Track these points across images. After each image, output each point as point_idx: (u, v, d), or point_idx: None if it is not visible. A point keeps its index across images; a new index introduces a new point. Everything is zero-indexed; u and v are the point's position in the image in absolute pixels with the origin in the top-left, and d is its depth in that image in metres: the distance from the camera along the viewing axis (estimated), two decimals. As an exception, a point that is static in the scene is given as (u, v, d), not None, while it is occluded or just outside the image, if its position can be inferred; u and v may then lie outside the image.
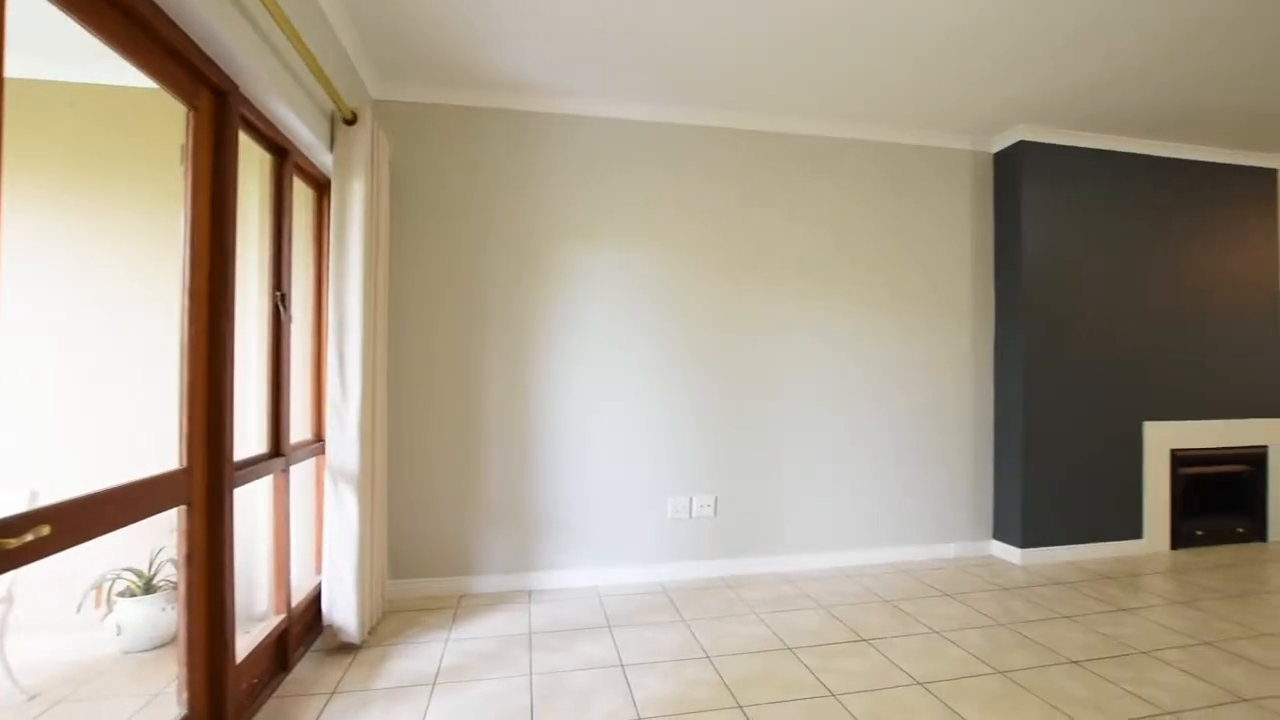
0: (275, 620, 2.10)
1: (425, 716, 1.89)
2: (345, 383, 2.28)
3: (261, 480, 2.05)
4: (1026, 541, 3.36)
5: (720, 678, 2.13)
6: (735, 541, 3.21)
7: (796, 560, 3.27)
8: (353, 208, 2.28)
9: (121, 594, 2.20)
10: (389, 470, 2.83)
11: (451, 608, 2.74)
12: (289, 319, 2.19)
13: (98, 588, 2.17)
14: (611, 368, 3.07)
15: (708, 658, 2.27)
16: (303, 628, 2.30)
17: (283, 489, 2.18)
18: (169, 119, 1.65)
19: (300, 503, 2.46)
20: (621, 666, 2.21)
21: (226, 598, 1.68)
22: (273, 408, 2.13)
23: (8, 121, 1.02)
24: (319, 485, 2.55)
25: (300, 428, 2.47)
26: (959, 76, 2.80)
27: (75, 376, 2.25)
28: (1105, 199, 3.53)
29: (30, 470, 2.11)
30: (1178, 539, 3.62)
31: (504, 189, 2.99)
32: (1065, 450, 3.43)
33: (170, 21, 1.41)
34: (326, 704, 1.96)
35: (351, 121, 2.30)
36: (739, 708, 1.94)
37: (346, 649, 2.33)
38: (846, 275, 3.37)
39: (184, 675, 1.58)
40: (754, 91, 2.97)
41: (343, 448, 2.28)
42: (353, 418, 2.28)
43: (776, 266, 3.28)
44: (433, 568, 2.89)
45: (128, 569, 2.23)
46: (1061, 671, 2.17)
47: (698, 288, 3.18)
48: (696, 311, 3.17)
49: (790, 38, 2.49)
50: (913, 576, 3.16)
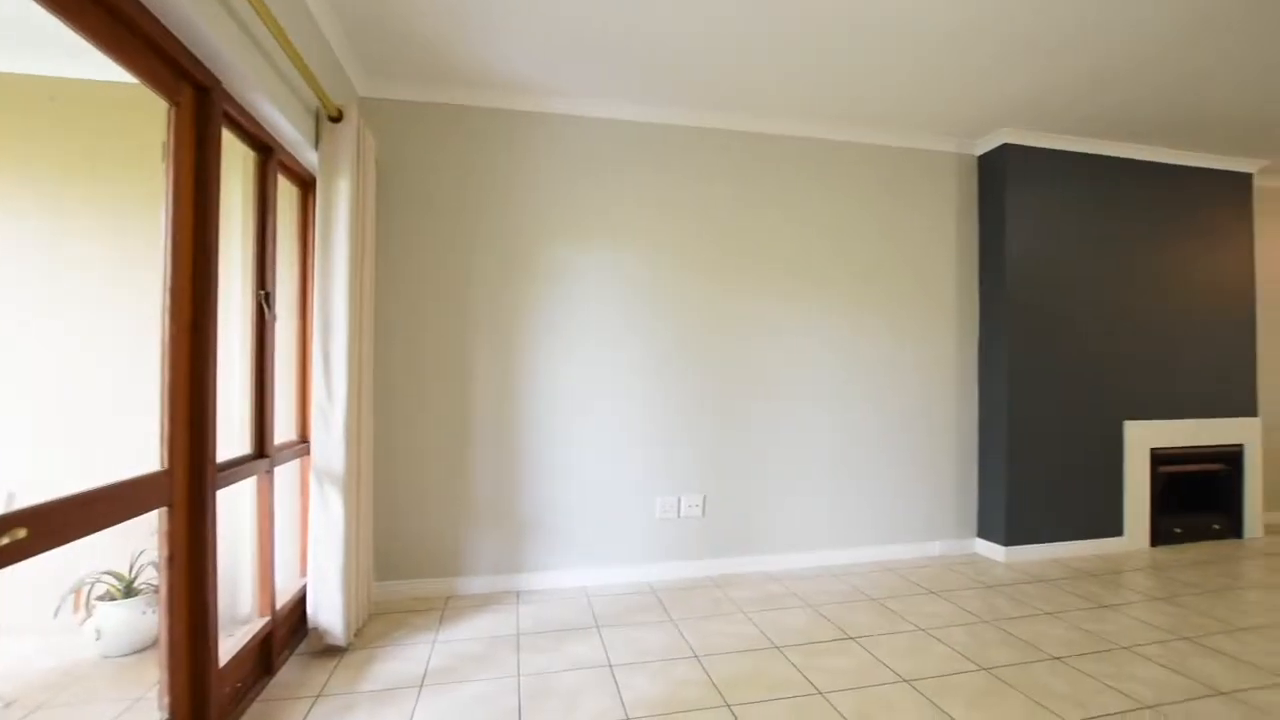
0: (259, 623, 2.08)
1: (412, 719, 1.88)
2: (330, 383, 2.25)
3: (245, 481, 2.02)
4: (1010, 539, 3.40)
5: (708, 677, 2.13)
6: (723, 541, 3.22)
7: (784, 559, 3.29)
8: (338, 206, 2.26)
9: (101, 598, 2.17)
10: (375, 471, 2.81)
11: (439, 609, 2.72)
12: (273, 318, 2.16)
13: (76, 591, 2.14)
14: (601, 368, 3.07)
15: (696, 657, 2.28)
16: (287, 630, 2.28)
17: (267, 490, 2.15)
18: (150, 115, 1.62)
19: (285, 504, 2.44)
20: (610, 667, 2.21)
21: (209, 600, 1.66)
22: (256, 408, 2.11)
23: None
24: (304, 486, 2.53)
25: (285, 428, 2.44)
26: (945, 80, 2.83)
27: (52, 376, 2.21)
28: (1086, 201, 3.59)
29: (6, 472, 2.07)
30: (1157, 536, 3.68)
31: (493, 188, 2.98)
32: (1048, 450, 3.48)
33: (151, 16, 1.39)
34: (311, 707, 1.94)
35: (337, 119, 2.27)
36: (727, 707, 1.95)
37: (332, 651, 2.30)
38: (835, 276, 3.39)
39: (165, 679, 1.56)
40: (747, 93, 2.98)
41: (328, 448, 2.26)
42: (338, 418, 2.25)
43: (765, 267, 3.29)
44: (420, 569, 2.87)
45: (107, 572, 2.19)
46: (1044, 667, 2.20)
47: (687, 288, 3.18)
48: (686, 312, 3.18)
49: (786, 39, 2.50)
50: (899, 575, 3.19)
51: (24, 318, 2.18)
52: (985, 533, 3.53)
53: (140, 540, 2.17)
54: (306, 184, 2.54)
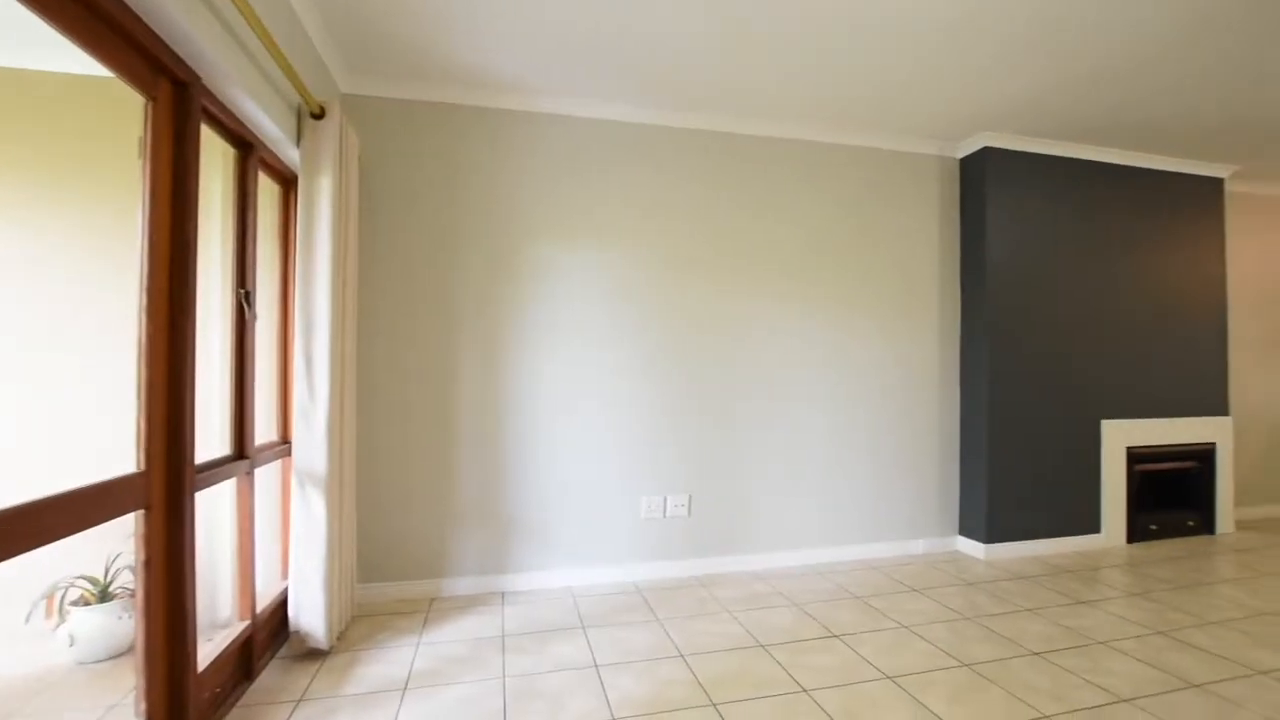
0: (239, 627, 2.05)
1: (395, 722, 1.86)
2: (313, 383, 2.23)
3: (225, 483, 1.99)
4: (991, 537, 3.45)
5: (694, 676, 2.14)
6: (709, 540, 3.23)
7: (769, 558, 3.31)
8: (320, 204, 2.23)
9: (75, 603, 2.12)
10: (358, 472, 2.78)
11: (423, 611, 2.70)
12: (253, 317, 2.13)
13: (49, 597, 2.09)
14: (586, 368, 3.06)
15: (681, 657, 2.28)
16: (268, 634, 2.25)
17: (247, 492, 2.12)
18: (126, 109, 1.59)
19: (266, 506, 2.40)
20: (595, 667, 2.20)
21: (187, 604, 1.63)
22: (236, 408, 2.08)
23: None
24: (285, 488, 2.49)
25: (266, 429, 2.41)
26: (928, 85, 2.86)
27: (21, 376, 2.15)
28: (1064, 204, 3.65)
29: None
30: (1133, 533, 3.76)
31: (478, 187, 2.96)
32: (1028, 449, 3.54)
33: (127, 9, 1.36)
34: (293, 712, 1.91)
35: (319, 116, 2.25)
36: (712, 706, 1.95)
37: (314, 655, 2.28)
38: (820, 277, 3.42)
39: (142, 685, 1.53)
40: (736, 95, 3.00)
41: (310, 449, 2.23)
42: (320, 418, 2.23)
43: (751, 267, 3.31)
44: (404, 571, 2.85)
45: (82, 576, 2.14)
46: (1024, 663, 2.24)
47: (673, 288, 3.19)
48: (672, 312, 3.18)
49: (775, 42, 2.52)
50: (882, 573, 3.22)
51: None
52: (967, 531, 3.58)
53: (116, 543, 2.13)
54: (288, 181, 2.51)
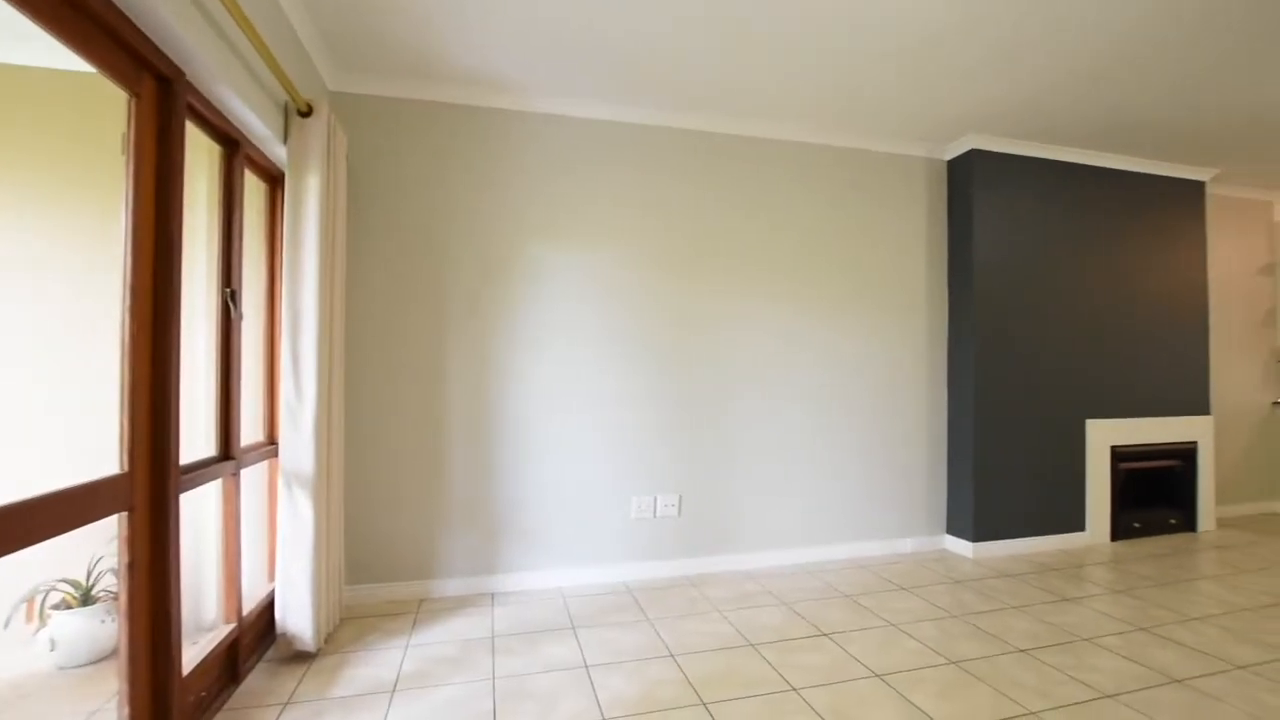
0: (225, 629, 2.03)
1: (384, 724, 1.85)
2: (300, 383, 2.21)
3: (210, 484, 1.97)
4: (978, 536, 3.48)
5: (684, 676, 2.14)
6: (699, 540, 3.23)
7: (759, 558, 3.32)
8: (307, 202, 2.21)
9: (56, 606, 2.08)
10: (346, 473, 2.76)
11: (412, 612, 2.68)
12: (239, 317, 2.11)
13: (29, 600, 2.05)
14: (576, 367, 3.06)
15: (672, 656, 2.29)
16: (255, 637, 2.22)
17: (233, 493, 2.10)
18: (109, 105, 1.57)
19: (252, 507, 2.38)
20: (586, 667, 2.20)
21: (172, 607, 1.61)
22: (222, 409, 2.05)
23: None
24: (272, 489, 2.47)
25: (252, 430, 2.38)
26: (917, 87, 2.89)
27: (1, 377, 2.11)
28: (1050, 206, 3.69)
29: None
30: (1117, 531, 3.81)
31: (468, 186, 2.95)
32: (1014, 448, 3.57)
33: (109, 3, 1.34)
34: (280, 715, 1.89)
35: (306, 113, 2.23)
36: (702, 705, 1.96)
37: (301, 658, 2.25)
38: (811, 277, 3.43)
39: (125, 690, 1.51)
40: (727, 96, 3.01)
41: (297, 450, 2.21)
42: (308, 419, 2.21)
43: (742, 268, 3.32)
44: (393, 572, 2.83)
45: (63, 580, 2.11)
46: (1010, 660, 2.26)
47: (664, 288, 3.19)
48: (662, 311, 3.18)
49: (770, 46, 2.54)
50: (871, 571, 3.24)
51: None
52: (954, 529, 3.61)
53: (99, 546, 2.10)
54: (275, 179, 2.49)
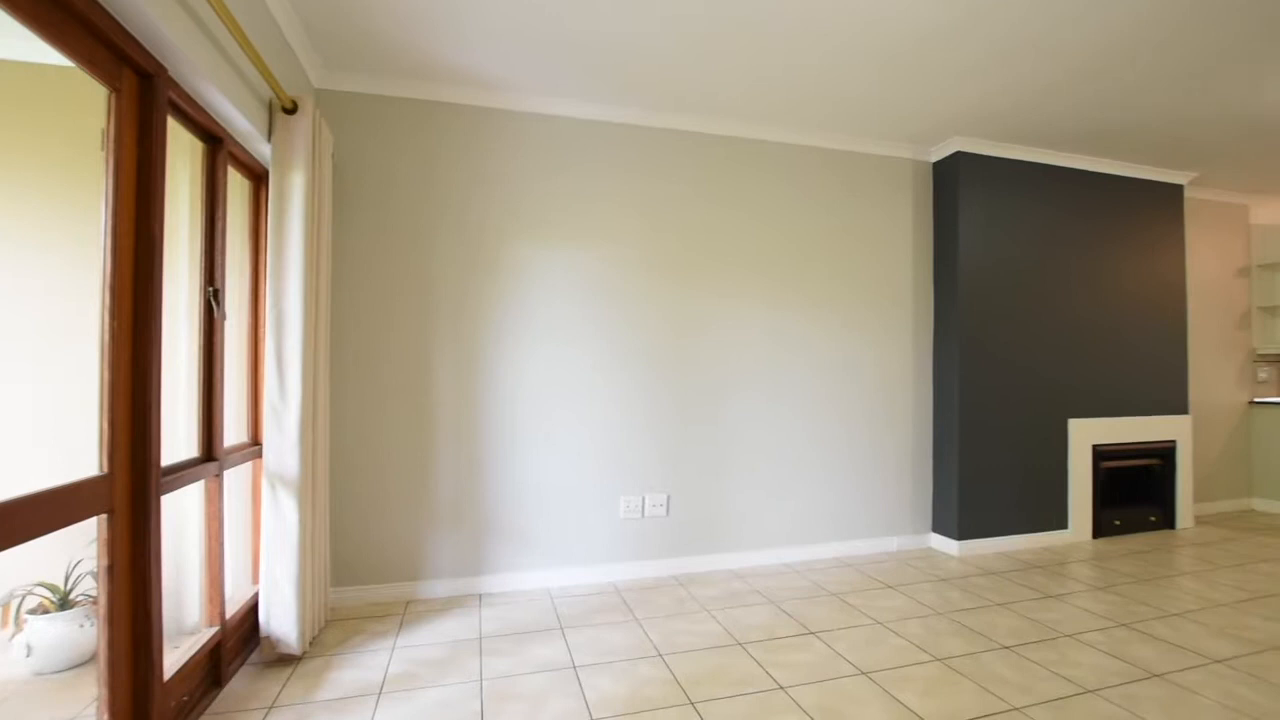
0: (207, 633, 2.00)
1: (370, 727, 1.84)
2: (284, 383, 2.18)
3: (192, 486, 1.95)
4: (963, 534, 3.52)
5: (672, 675, 2.14)
6: (687, 540, 3.24)
7: (747, 557, 3.33)
8: (292, 200, 2.19)
9: (33, 611, 2.04)
10: (331, 473, 2.73)
11: (398, 614, 2.66)
12: (222, 316, 2.08)
13: (4, 605, 2.01)
14: (564, 366, 3.05)
15: (660, 656, 2.29)
16: (238, 640, 2.20)
17: (215, 495, 2.07)
18: (89, 99, 1.54)
19: (235, 509, 2.35)
20: (574, 668, 2.20)
21: (153, 611, 1.58)
22: (205, 410, 2.02)
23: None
24: (256, 490, 2.44)
25: (236, 431, 2.35)
26: (904, 90, 2.91)
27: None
28: (1033, 208, 3.74)
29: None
30: (1099, 528, 3.87)
31: (456, 185, 2.93)
32: (998, 446, 3.62)
33: (89, -3, 1.32)
34: (264, 719, 1.87)
35: (291, 110, 2.20)
36: (690, 704, 1.96)
37: (286, 661, 2.23)
38: (799, 277, 3.45)
39: (104, 695, 1.48)
40: (720, 97, 3.02)
41: (281, 451, 2.19)
42: (292, 420, 2.18)
43: (730, 268, 3.33)
44: (379, 574, 2.81)
45: (40, 584, 2.07)
46: (994, 656, 2.29)
47: (652, 288, 3.19)
48: (650, 311, 3.19)
49: (763, 50, 2.55)
50: (857, 570, 3.26)
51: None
52: (940, 528, 3.65)
53: (78, 549, 2.06)
54: (259, 177, 2.45)
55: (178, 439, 1.97)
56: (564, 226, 3.07)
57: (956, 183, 3.57)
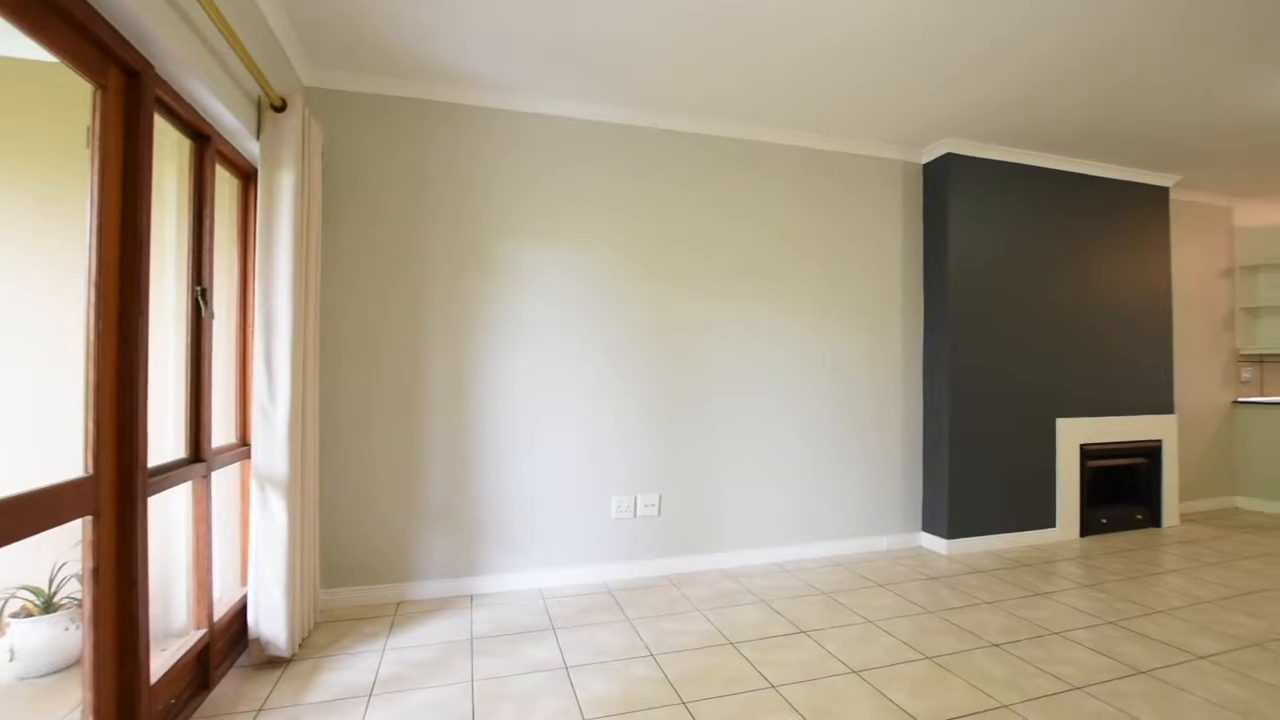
0: (195, 635, 1.98)
1: (360, 729, 1.83)
2: (273, 383, 2.16)
3: (180, 487, 1.93)
4: (952, 533, 3.55)
5: (664, 675, 2.14)
6: (679, 539, 3.24)
7: (739, 556, 3.34)
8: (281, 199, 2.17)
9: (16, 615, 2.01)
10: (321, 474, 2.71)
11: (389, 615, 2.65)
12: (210, 315, 2.06)
13: (-12, 608, 1.98)
14: (557, 366, 3.05)
15: (652, 656, 2.29)
16: (226, 642, 2.18)
17: (203, 496, 2.05)
18: (73, 95, 1.52)
19: (224, 510, 2.32)
20: (566, 668, 2.19)
21: (139, 613, 1.56)
22: (192, 410, 2.00)
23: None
24: (244, 491, 2.42)
25: (224, 431, 2.33)
26: (896, 92, 2.93)
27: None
28: (1023, 209, 3.77)
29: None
30: (1086, 527, 3.90)
31: (447, 184, 2.92)
32: (987, 446, 3.65)
33: (74, -8, 1.30)
34: (252, 722, 1.86)
35: (280, 108, 2.18)
36: (682, 704, 1.96)
37: (275, 663, 2.21)
38: (790, 277, 3.46)
39: (90, 699, 1.46)
40: (712, 99, 3.03)
41: (270, 451, 2.17)
42: (281, 419, 2.17)
43: (722, 268, 3.33)
44: (369, 575, 2.79)
45: (24, 587, 2.04)
46: (983, 654, 2.30)
47: (644, 287, 3.19)
48: (642, 311, 3.19)
49: (756, 52, 2.57)
50: (848, 569, 3.28)
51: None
52: (929, 526, 3.67)
53: (62, 552, 2.03)
54: (247, 175, 2.43)
55: (165, 439, 1.95)
56: (556, 226, 3.06)
57: (946, 184, 3.59)
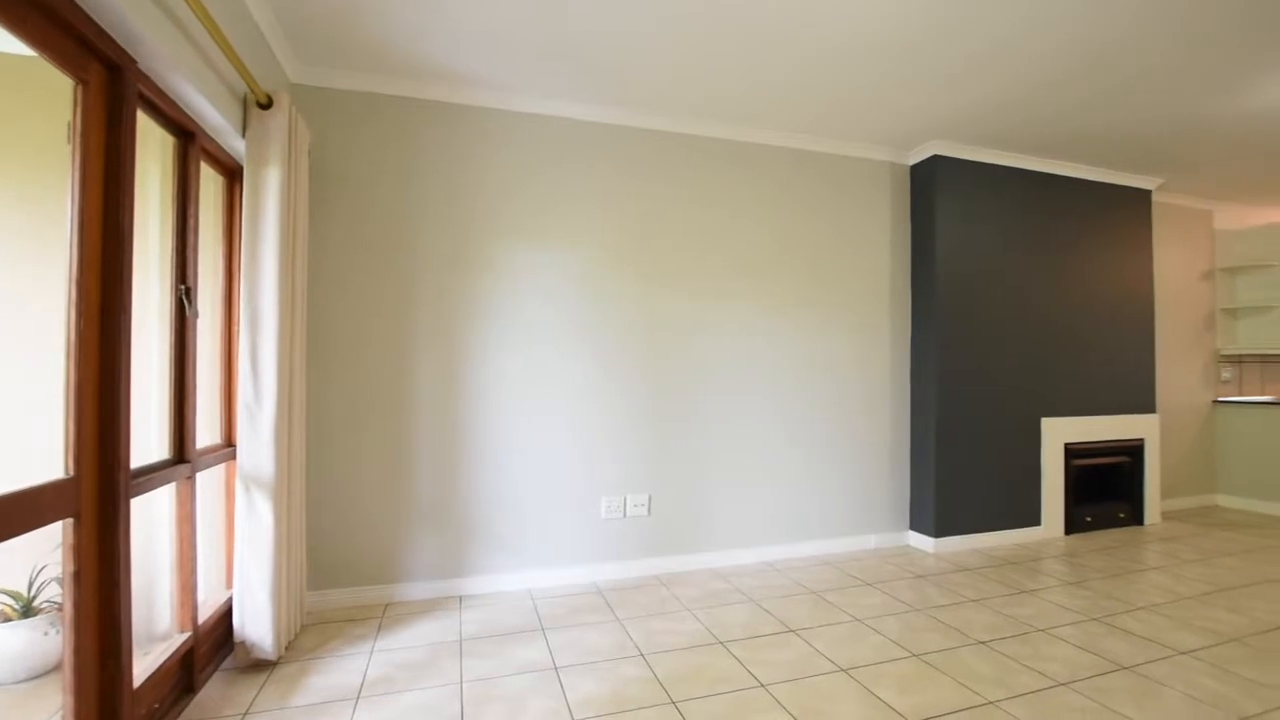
0: (179, 639, 1.95)
1: (347, 732, 1.81)
2: (259, 382, 2.14)
3: (163, 488, 1.90)
4: (939, 531, 3.58)
5: (654, 675, 2.15)
6: (669, 539, 3.24)
7: (728, 556, 3.35)
8: (267, 196, 2.15)
9: (-6, 618, 1.98)
10: (308, 475, 2.69)
11: (377, 617, 2.63)
12: (194, 315, 2.03)
13: (-35, 613, 1.94)
14: (546, 366, 3.04)
15: (641, 655, 2.29)
16: (211, 646, 2.15)
17: (188, 497, 2.03)
18: (54, 90, 1.50)
19: (208, 512, 2.30)
20: (555, 669, 2.19)
21: (121, 617, 1.54)
22: (176, 410, 1.98)
23: None
24: (230, 492, 2.39)
25: (209, 432, 2.30)
26: (892, 92, 2.94)
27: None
28: (1008, 211, 3.81)
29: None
30: (1071, 525, 3.95)
31: (438, 183, 2.90)
32: (974, 445, 3.68)
33: (55, -14, 1.28)
34: (237, 726, 1.84)
35: (266, 105, 2.16)
36: (672, 703, 1.96)
37: (261, 666, 2.19)
38: (780, 278, 3.48)
39: (70, 704, 1.44)
40: (704, 99, 3.03)
41: (256, 452, 2.14)
42: (267, 420, 2.14)
43: (712, 268, 3.34)
44: (357, 576, 2.77)
45: (2, 591, 2.00)
46: (970, 651, 2.33)
47: (634, 288, 3.19)
48: (632, 311, 3.19)
49: (749, 55, 2.58)
50: (837, 568, 3.30)
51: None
52: (917, 525, 3.70)
53: (42, 555, 2.00)
54: (233, 173, 2.40)
55: (148, 440, 1.92)
56: (547, 226, 3.05)
57: (933, 186, 3.62)
